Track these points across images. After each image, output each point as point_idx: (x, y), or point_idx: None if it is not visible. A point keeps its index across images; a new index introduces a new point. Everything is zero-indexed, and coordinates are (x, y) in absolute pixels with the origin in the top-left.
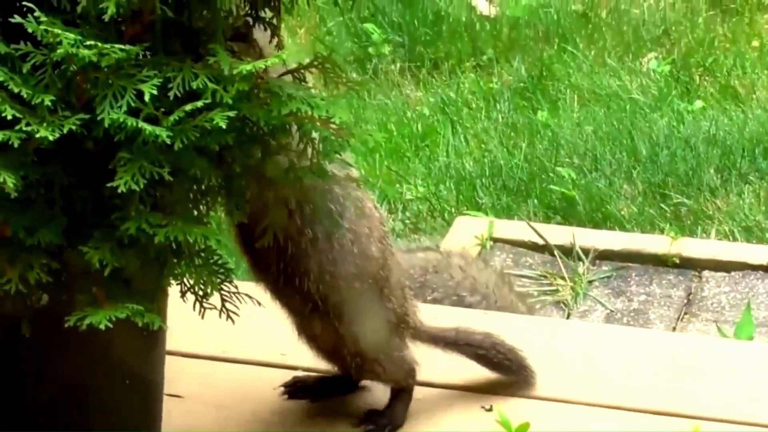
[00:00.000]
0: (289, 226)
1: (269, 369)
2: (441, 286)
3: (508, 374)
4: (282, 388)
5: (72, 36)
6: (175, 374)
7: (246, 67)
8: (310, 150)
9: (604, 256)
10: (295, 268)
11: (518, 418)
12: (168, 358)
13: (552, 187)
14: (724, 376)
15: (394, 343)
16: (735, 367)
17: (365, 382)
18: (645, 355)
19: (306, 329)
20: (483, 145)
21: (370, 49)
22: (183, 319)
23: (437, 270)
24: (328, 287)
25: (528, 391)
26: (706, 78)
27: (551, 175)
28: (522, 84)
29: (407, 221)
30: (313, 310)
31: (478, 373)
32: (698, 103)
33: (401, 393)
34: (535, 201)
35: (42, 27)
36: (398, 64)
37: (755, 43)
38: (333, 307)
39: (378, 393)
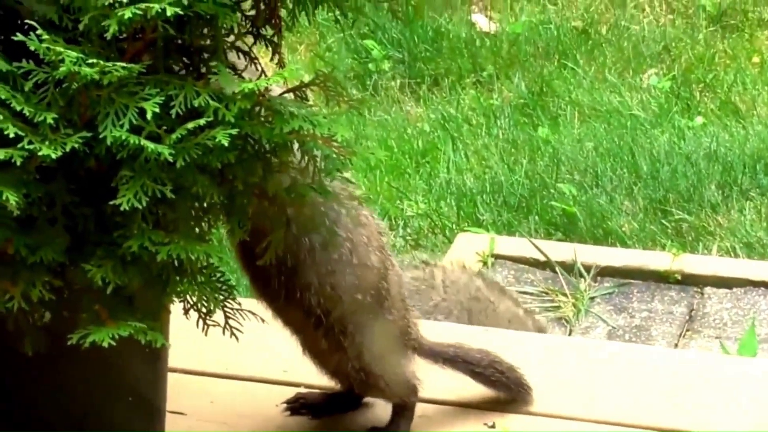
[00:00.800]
0: (286, 237)
1: (271, 386)
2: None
3: (506, 392)
4: (284, 405)
5: (74, 54)
6: (178, 391)
7: (248, 86)
8: (311, 167)
9: (606, 272)
10: (296, 282)
11: None
12: (170, 375)
13: (553, 203)
14: (727, 393)
15: (397, 357)
16: (738, 384)
17: (368, 400)
18: (647, 372)
19: (310, 345)
20: (484, 162)
21: (370, 66)
22: (185, 335)
23: (418, 292)
24: (330, 299)
25: (530, 407)
26: (707, 94)
27: (552, 191)
28: (522, 100)
29: (408, 237)
30: (316, 325)
31: (479, 389)
32: (699, 119)
33: (403, 410)
34: (536, 217)
35: (44, 45)
36: (398, 81)
37: (756, 60)
38: (336, 321)
39: (380, 410)
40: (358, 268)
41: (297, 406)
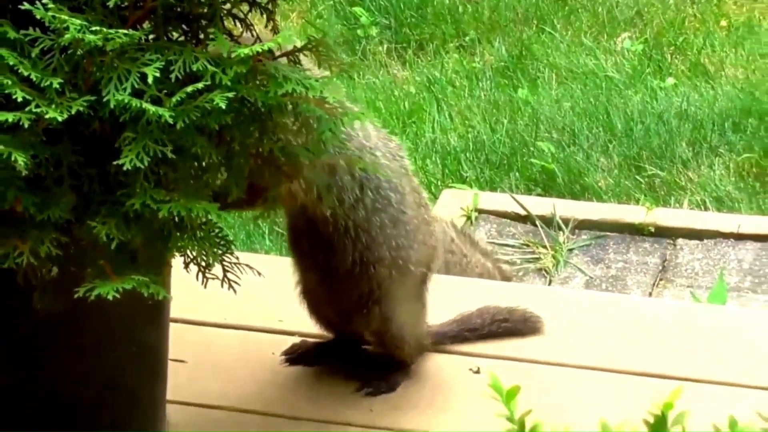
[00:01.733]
0: (356, 217)
1: (267, 335)
2: None
3: (519, 334)
4: (282, 356)
5: (78, 22)
6: (179, 340)
7: (244, 51)
8: (305, 129)
9: (583, 225)
10: (369, 257)
11: (505, 380)
12: (172, 326)
13: (533, 160)
14: (699, 339)
15: (424, 324)
16: (709, 330)
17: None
18: (623, 320)
19: (339, 305)
20: (467, 122)
21: (359, 31)
22: (186, 288)
23: None
24: (400, 272)
25: (513, 353)
26: (677, 56)
27: (532, 149)
28: (503, 63)
29: None
30: (369, 294)
31: None
32: (670, 80)
33: (404, 364)
34: (517, 174)
35: (50, 13)
36: (385, 46)
37: (723, 23)
38: (391, 293)
39: (375, 359)
40: (422, 245)
41: (294, 356)
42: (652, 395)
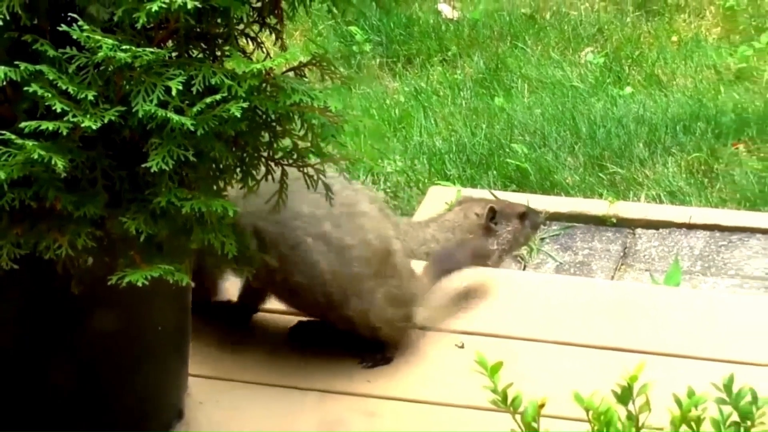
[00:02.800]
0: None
1: (277, 315)
2: None
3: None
4: (289, 333)
5: (110, 41)
6: (198, 321)
7: (256, 66)
8: (310, 134)
9: (554, 217)
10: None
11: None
12: (194, 309)
13: (508, 160)
14: (657, 316)
15: (401, 314)
16: (666, 309)
17: None
18: (591, 300)
19: (326, 318)
20: (450, 127)
21: (354, 48)
22: None
23: None
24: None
25: (494, 330)
26: (634, 68)
27: (507, 150)
28: (481, 75)
29: (388, 191)
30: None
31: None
32: (628, 89)
33: (391, 343)
34: (495, 172)
35: (85, 34)
36: (378, 60)
37: (674, 39)
38: (338, 301)
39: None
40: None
41: (300, 333)
42: (618, 367)
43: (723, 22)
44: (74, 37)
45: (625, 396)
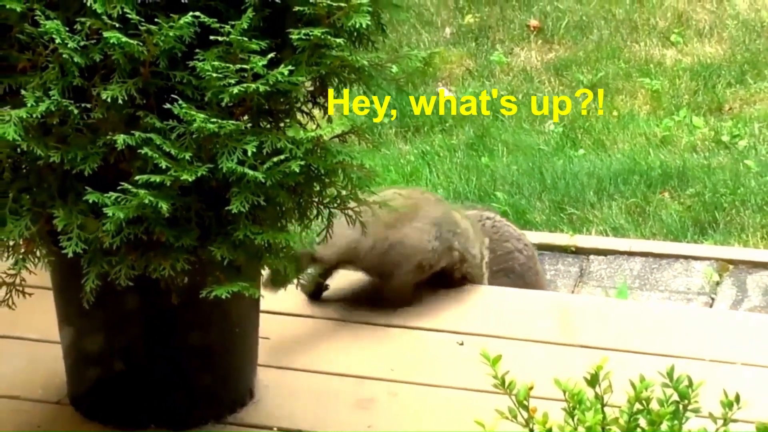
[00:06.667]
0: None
1: (320, 320)
2: None
3: None
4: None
5: (202, 116)
6: (265, 324)
7: (310, 134)
8: (350, 185)
9: None
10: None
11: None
12: (261, 315)
13: (493, 204)
14: (614, 322)
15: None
16: (621, 316)
17: None
18: (558, 309)
19: None
20: (448, 179)
21: (375, 119)
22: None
23: None
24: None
25: (487, 331)
26: (585, 135)
27: (492, 196)
28: (471, 140)
29: None
30: None
31: (448, 313)
32: (581, 151)
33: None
34: None
35: (183, 110)
36: (393, 129)
37: (615, 114)
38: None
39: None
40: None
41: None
42: (586, 360)
43: (651, 101)
44: (175, 112)
45: (593, 381)
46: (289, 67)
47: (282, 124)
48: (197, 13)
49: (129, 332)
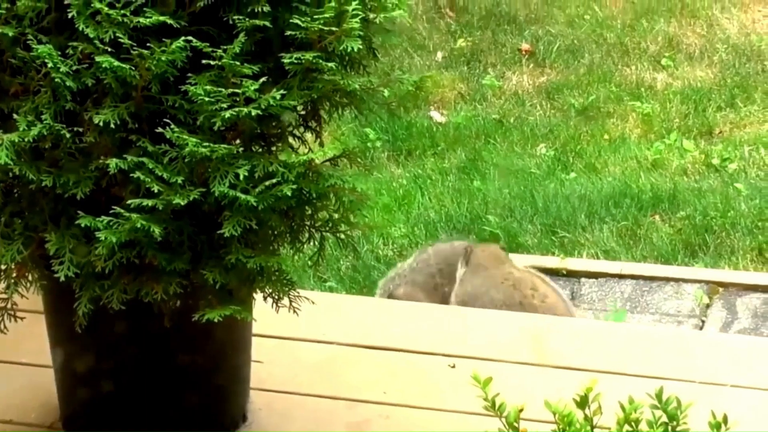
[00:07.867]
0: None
1: (312, 343)
2: None
3: None
4: None
5: (194, 140)
6: (258, 347)
7: (302, 158)
8: (342, 208)
9: None
10: None
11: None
12: (254, 339)
13: (484, 227)
14: (606, 344)
15: None
16: (612, 338)
17: None
18: (551, 331)
19: None
20: (440, 203)
21: (369, 144)
22: (264, 313)
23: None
24: None
25: (477, 354)
26: (577, 159)
27: (483, 220)
28: (463, 164)
29: (395, 250)
30: None
31: (439, 336)
32: (573, 174)
33: None
34: (474, 237)
35: (175, 134)
36: (386, 153)
37: (606, 137)
38: None
39: None
40: None
41: None
42: (576, 382)
43: (642, 125)
44: (167, 136)
45: (582, 403)
46: (281, 91)
47: (274, 148)
48: (189, 38)
49: (120, 355)
